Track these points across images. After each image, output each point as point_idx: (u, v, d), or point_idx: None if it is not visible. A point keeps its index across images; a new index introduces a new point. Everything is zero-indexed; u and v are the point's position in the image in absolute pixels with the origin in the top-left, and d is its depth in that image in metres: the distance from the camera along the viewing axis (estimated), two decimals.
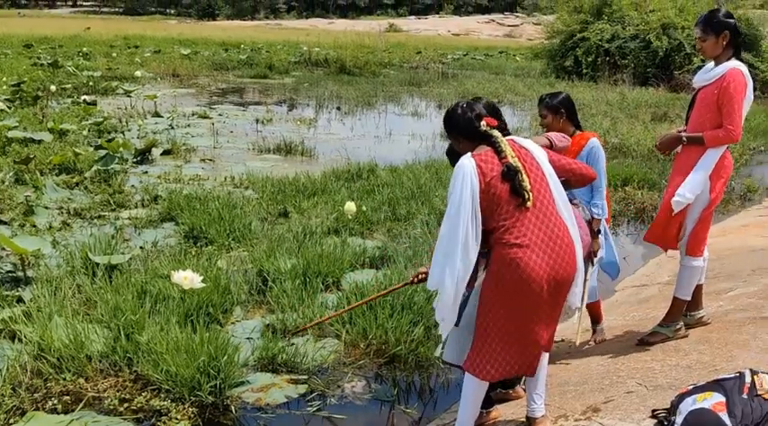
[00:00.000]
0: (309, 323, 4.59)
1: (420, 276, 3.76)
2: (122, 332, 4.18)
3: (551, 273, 2.91)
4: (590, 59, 24.26)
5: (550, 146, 3.39)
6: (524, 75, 25.96)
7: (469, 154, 2.98)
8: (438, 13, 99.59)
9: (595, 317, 4.45)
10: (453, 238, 2.89)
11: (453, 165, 3.25)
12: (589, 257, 3.99)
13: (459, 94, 19.42)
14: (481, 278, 3.13)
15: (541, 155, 3.09)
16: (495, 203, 2.91)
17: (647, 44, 23.41)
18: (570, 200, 3.16)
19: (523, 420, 3.21)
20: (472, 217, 2.88)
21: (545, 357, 3.13)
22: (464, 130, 3.10)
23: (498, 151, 2.97)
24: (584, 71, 23.99)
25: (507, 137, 3.09)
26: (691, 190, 3.64)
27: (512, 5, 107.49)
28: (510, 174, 2.91)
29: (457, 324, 3.28)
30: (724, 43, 3.65)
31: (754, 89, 3.78)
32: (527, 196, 2.91)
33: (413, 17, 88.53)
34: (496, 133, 3.04)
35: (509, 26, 74.54)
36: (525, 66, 30.39)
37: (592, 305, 4.33)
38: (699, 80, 3.79)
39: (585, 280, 4.09)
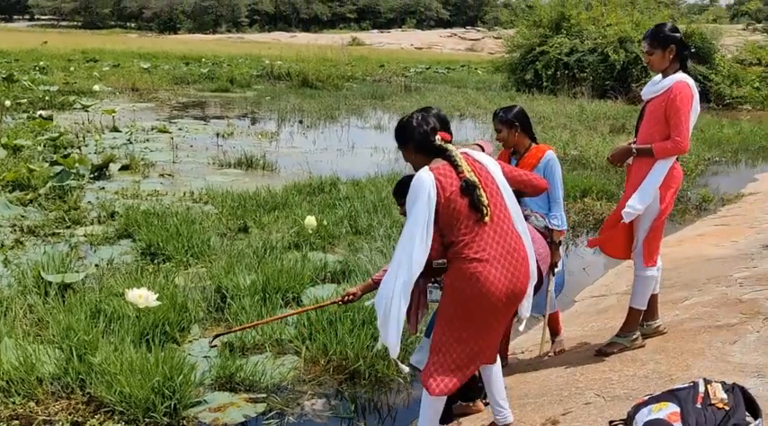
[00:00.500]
0: (235, 328, 4.59)
1: (348, 297, 3.89)
2: (75, 354, 4.06)
3: (509, 286, 2.94)
4: (549, 73, 24.63)
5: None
6: (486, 89, 26.26)
7: (427, 167, 2.96)
8: (401, 27, 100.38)
9: (554, 329, 4.48)
10: (408, 251, 2.87)
11: (400, 202, 3.27)
12: (550, 269, 4.04)
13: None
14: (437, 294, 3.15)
15: (495, 168, 3.10)
16: (454, 218, 2.91)
17: (605, 57, 23.87)
18: (522, 212, 3.19)
19: None
20: (424, 230, 2.86)
21: (498, 365, 3.19)
22: (419, 144, 3.06)
23: (455, 165, 2.97)
24: (544, 84, 24.35)
25: (461, 150, 3.09)
26: (640, 200, 3.69)
27: (473, 20, 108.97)
28: (469, 189, 2.91)
29: (428, 335, 3.32)
30: (671, 56, 3.73)
31: (709, 101, 3.88)
32: (485, 211, 2.91)
33: (375, 31, 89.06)
34: (451, 147, 3.04)
35: (471, 40, 75.42)
36: (487, 79, 30.75)
37: (551, 316, 4.35)
38: (647, 92, 3.85)
39: (548, 291, 4.13)
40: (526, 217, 3.47)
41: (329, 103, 20.09)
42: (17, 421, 3.66)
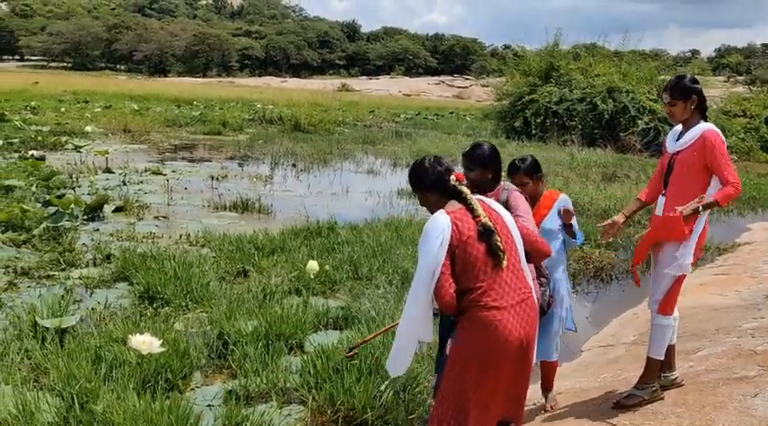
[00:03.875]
0: (362, 340, 4.57)
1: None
2: (76, 401, 3.92)
3: (523, 334, 2.89)
4: (539, 120, 24.94)
5: None
6: (476, 135, 26.48)
7: (443, 210, 2.92)
8: (389, 74, 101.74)
9: (548, 384, 4.33)
10: (414, 290, 2.87)
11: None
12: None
13: (414, 153, 19.63)
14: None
15: (509, 217, 3.08)
16: (471, 264, 2.84)
17: (594, 106, 24.22)
18: None
19: None
20: (430, 272, 2.82)
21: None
22: (434, 184, 3.04)
23: (471, 209, 2.92)
24: (534, 132, 24.63)
25: (476, 196, 3.05)
26: (689, 258, 3.69)
27: (460, 68, 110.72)
28: (486, 234, 2.86)
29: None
30: (692, 107, 3.75)
31: None
32: (502, 256, 2.86)
33: (364, 77, 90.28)
34: (467, 190, 3.00)
35: (458, 88, 76.60)
36: (476, 125, 31.09)
37: (549, 366, 4.23)
38: (673, 146, 3.85)
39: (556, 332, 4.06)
40: None
41: (322, 147, 20.15)
42: None
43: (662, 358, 3.89)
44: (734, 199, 3.74)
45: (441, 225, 2.84)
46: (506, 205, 3.58)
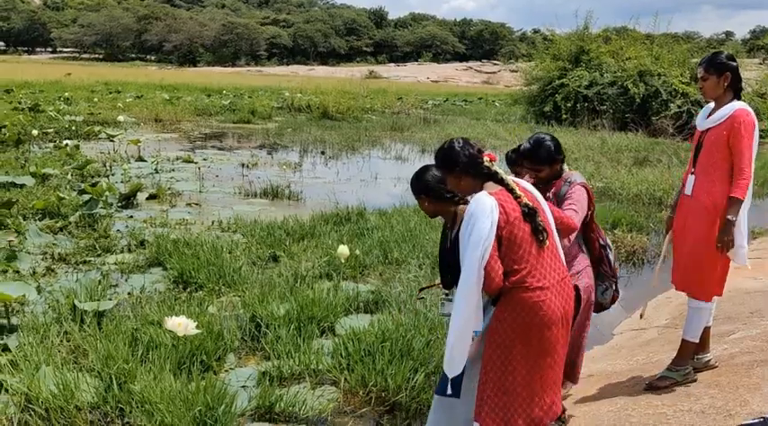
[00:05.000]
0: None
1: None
2: (114, 381, 4.02)
3: (563, 314, 2.90)
4: (569, 105, 24.64)
5: None
6: (505, 121, 26.29)
7: (485, 192, 2.87)
8: (417, 61, 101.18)
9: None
10: (474, 283, 2.75)
11: (419, 197, 3.31)
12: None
13: (442, 139, 19.54)
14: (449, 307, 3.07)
15: (541, 197, 3.07)
16: (517, 245, 2.81)
17: (625, 90, 23.88)
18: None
19: None
20: (481, 256, 2.72)
21: None
22: (467, 166, 2.95)
23: (511, 190, 2.90)
24: (564, 116, 24.35)
25: (510, 177, 3.02)
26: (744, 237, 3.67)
27: (489, 53, 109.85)
28: (531, 215, 2.85)
29: (458, 395, 3.06)
30: (725, 84, 3.69)
31: None
32: (545, 237, 2.86)
33: (392, 64, 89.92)
34: (501, 171, 2.98)
35: (486, 73, 75.96)
36: (505, 111, 30.83)
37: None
38: (704, 123, 3.79)
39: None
40: (581, 252, 3.59)
41: (350, 135, 20.19)
42: None
43: (697, 340, 3.86)
44: (747, 187, 3.61)
45: (488, 206, 2.76)
46: (563, 196, 3.60)
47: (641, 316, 4.72)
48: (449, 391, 3.02)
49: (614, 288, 3.85)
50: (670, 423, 3.36)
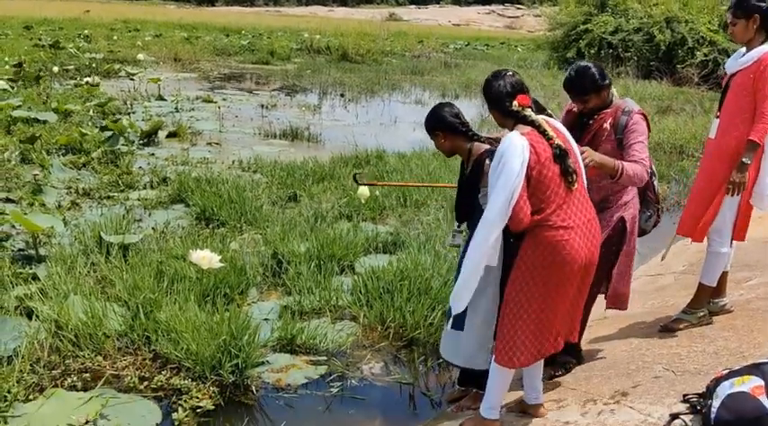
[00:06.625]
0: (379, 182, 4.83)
1: None
2: (141, 310, 4.14)
3: (587, 255, 2.91)
4: (593, 51, 24.13)
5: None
6: (527, 66, 25.85)
7: (517, 132, 2.89)
8: (438, 3, 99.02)
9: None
10: (498, 218, 2.80)
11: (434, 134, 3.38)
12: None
13: (463, 84, 19.36)
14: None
15: (572, 138, 3.07)
16: (545, 185, 2.83)
17: (651, 37, 23.32)
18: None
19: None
20: (509, 194, 2.76)
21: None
22: (499, 105, 3.01)
23: (542, 131, 2.91)
24: None
25: (541, 116, 3.02)
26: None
27: None
28: (562, 157, 2.86)
29: (461, 328, 3.27)
30: (754, 27, 3.61)
31: None
32: (575, 178, 2.88)
33: (413, 6, 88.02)
34: (531, 113, 2.97)
35: (509, 17, 74.25)
36: (527, 56, 30.29)
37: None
38: (732, 66, 3.74)
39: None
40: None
41: (369, 78, 20.01)
42: (87, 374, 3.75)
43: (714, 285, 3.89)
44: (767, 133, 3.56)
45: (520, 146, 2.79)
46: (624, 128, 3.45)
47: (662, 258, 4.74)
48: (451, 325, 3.29)
49: (657, 214, 3.88)
50: (684, 363, 3.42)
